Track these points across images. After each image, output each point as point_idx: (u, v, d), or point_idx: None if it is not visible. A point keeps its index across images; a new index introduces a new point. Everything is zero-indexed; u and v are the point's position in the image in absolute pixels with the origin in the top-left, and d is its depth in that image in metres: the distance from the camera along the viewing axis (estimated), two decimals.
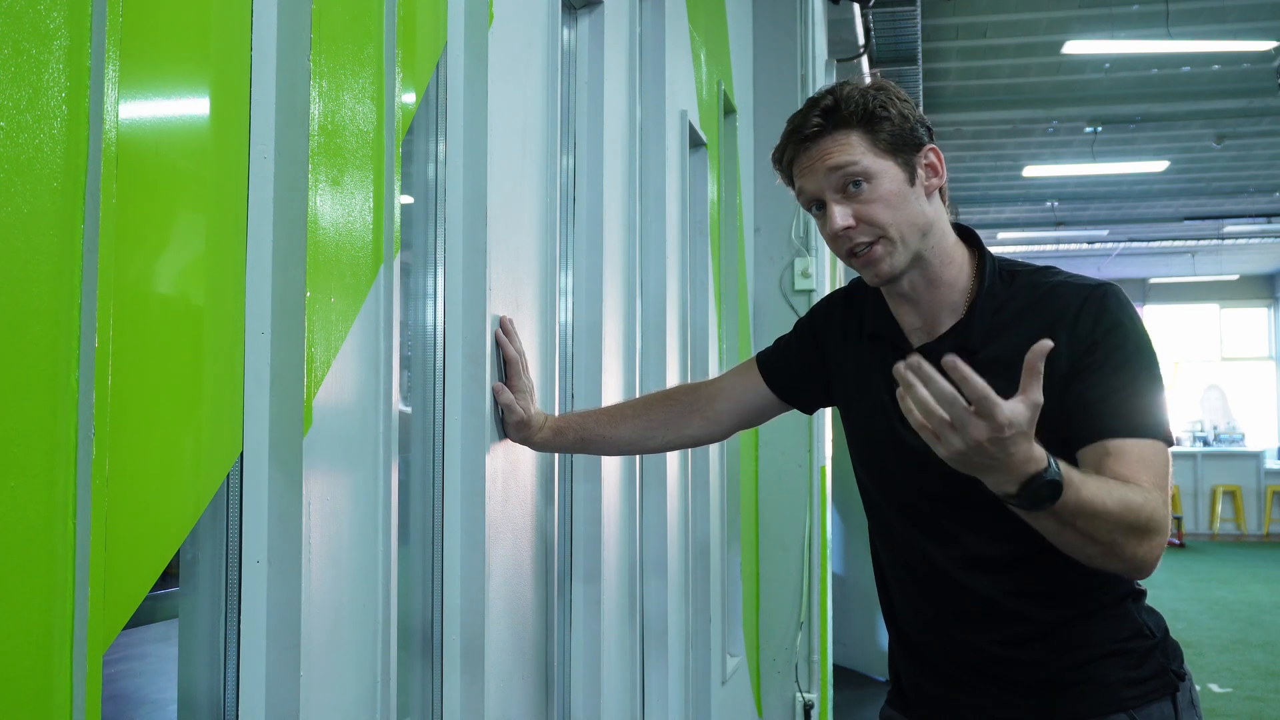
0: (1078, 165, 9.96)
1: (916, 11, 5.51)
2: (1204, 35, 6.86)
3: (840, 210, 1.36)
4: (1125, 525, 1.19)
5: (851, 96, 1.38)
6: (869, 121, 1.37)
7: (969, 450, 1.09)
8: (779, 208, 3.86)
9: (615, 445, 1.73)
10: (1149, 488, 1.23)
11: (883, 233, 1.36)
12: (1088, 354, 1.32)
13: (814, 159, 1.38)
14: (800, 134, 1.39)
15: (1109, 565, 1.24)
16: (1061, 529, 1.19)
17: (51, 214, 0.75)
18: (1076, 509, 1.16)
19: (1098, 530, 1.18)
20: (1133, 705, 1.36)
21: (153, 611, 0.97)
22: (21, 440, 0.72)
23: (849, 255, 1.39)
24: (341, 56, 1.17)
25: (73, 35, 0.77)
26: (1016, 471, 1.12)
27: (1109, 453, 1.26)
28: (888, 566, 1.53)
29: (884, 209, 1.36)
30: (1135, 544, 1.21)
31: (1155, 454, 1.26)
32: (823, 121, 1.37)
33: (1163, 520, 1.22)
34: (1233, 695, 5.63)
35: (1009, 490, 1.14)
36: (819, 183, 1.38)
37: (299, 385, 1.07)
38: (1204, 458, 13.99)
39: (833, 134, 1.37)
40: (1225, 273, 15.16)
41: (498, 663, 1.56)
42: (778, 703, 3.73)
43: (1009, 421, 1.07)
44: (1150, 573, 1.26)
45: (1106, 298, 1.35)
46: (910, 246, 1.38)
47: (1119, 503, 1.18)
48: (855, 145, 1.36)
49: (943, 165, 1.42)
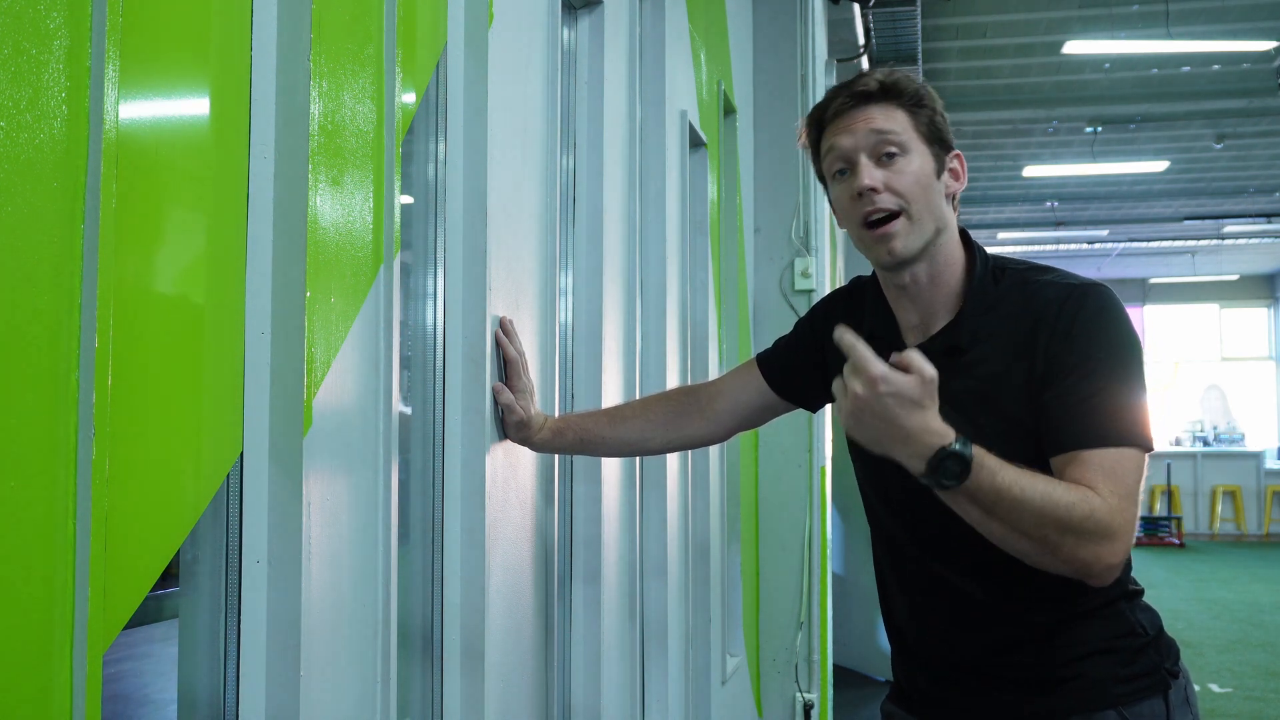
0: (1078, 165, 9.96)
1: (916, 11, 5.51)
2: (1204, 35, 6.86)
3: (870, 170, 1.37)
4: (1054, 520, 1.17)
5: (905, 79, 1.41)
6: (917, 104, 1.40)
7: (855, 409, 1.16)
8: (779, 208, 3.86)
9: (615, 446, 1.73)
10: (1103, 493, 1.20)
11: (905, 206, 1.37)
12: (1063, 355, 1.31)
13: (857, 119, 1.39)
14: (852, 90, 1.41)
15: (1050, 565, 1.22)
16: (985, 517, 1.19)
17: (51, 214, 0.75)
18: (994, 493, 1.16)
19: (1021, 521, 1.18)
20: (1122, 702, 1.36)
21: (153, 611, 0.97)
22: (21, 440, 0.72)
23: (865, 224, 1.38)
24: (341, 56, 1.17)
25: (73, 35, 0.77)
26: (918, 443, 1.15)
27: (1073, 461, 1.26)
28: (885, 567, 1.53)
29: (913, 184, 1.37)
30: (1074, 544, 1.19)
31: (1120, 461, 1.24)
32: (877, 89, 1.40)
33: (1109, 523, 1.19)
34: (1233, 695, 5.63)
35: (918, 468, 1.17)
36: (856, 141, 1.38)
37: (299, 385, 1.07)
38: (1204, 458, 13.99)
39: (882, 103, 1.39)
40: (1225, 273, 15.15)
41: (498, 663, 1.56)
42: (778, 703, 3.73)
43: (882, 376, 1.14)
44: (1104, 579, 1.23)
45: (1087, 297, 1.34)
46: (925, 233, 1.38)
47: (1043, 495, 1.17)
48: (900, 119, 1.39)
49: (964, 173, 1.45)
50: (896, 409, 1.14)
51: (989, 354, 1.36)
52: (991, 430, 1.32)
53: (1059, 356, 1.31)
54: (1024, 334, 1.34)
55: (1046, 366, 1.31)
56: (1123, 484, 1.23)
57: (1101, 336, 1.31)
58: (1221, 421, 14.89)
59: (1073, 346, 1.31)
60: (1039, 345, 1.32)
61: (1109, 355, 1.30)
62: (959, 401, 1.36)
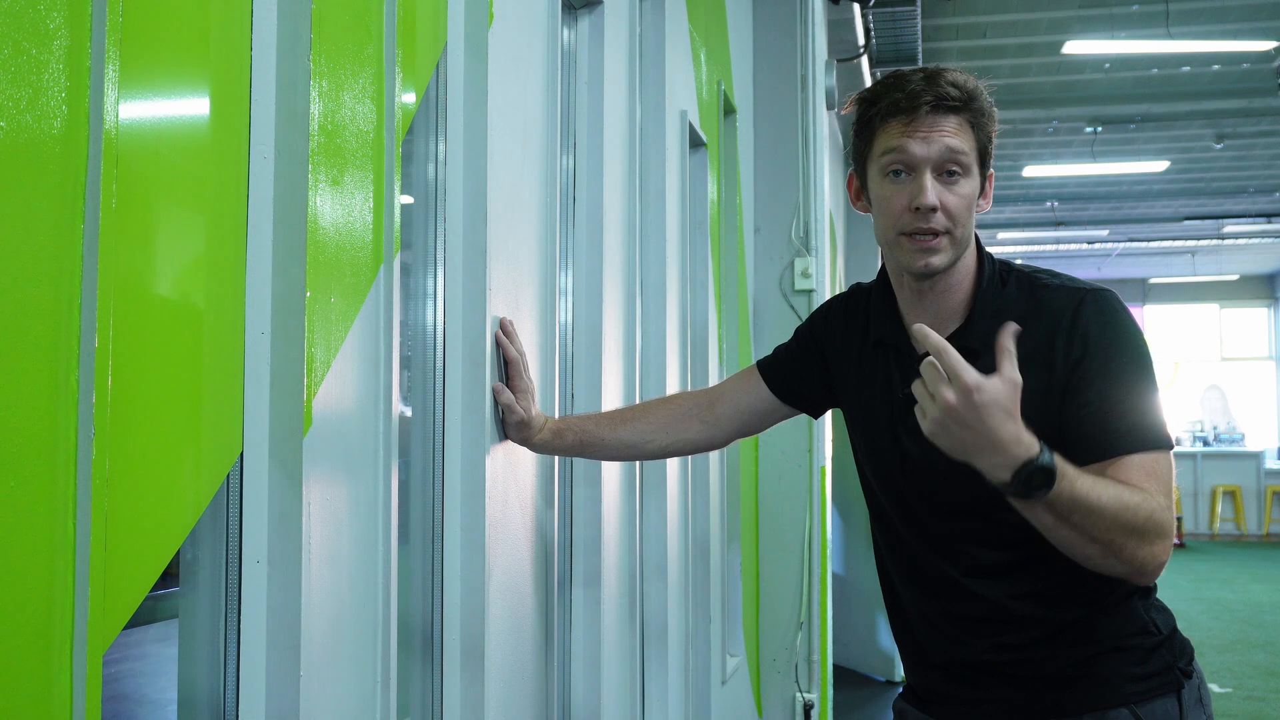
0: (1078, 165, 9.96)
1: (916, 11, 5.51)
2: (1204, 35, 6.86)
3: (933, 187, 1.35)
4: (1122, 524, 1.20)
5: (979, 89, 1.37)
6: (984, 124, 1.38)
7: (945, 417, 1.13)
8: (779, 208, 3.86)
9: (614, 448, 1.73)
10: (1153, 492, 1.24)
11: (952, 227, 1.36)
12: (1085, 363, 1.32)
13: (934, 128, 1.35)
14: (936, 94, 1.35)
15: (1109, 567, 1.24)
16: (1058, 524, 1.19)
17: (51, 214, 0.75)
18: (1071, 502, 1.17)
19: (1095, 527, 1.19)
20: (1135, 700, 1.36)
21: (153, 611, 0.97)
22: (21, 440, 0.72)
23: (907, 234, 1.37)
24: (341, 56, 1.17)
25: (73, 35, 0.77)
26: (1006, 454, 1.14)
27: (1114, 466, 1.28)
28: (893, 569, 1.53)
29: (964, 207, 1.37)
30: (1135, 545, 1.21)
31: (1158, 462, 1.28)
32: (961, 100, 1.36)
33: (1164, 523, 1.23)
34: (1233, 695, 5.63)
35: (1002, 477, 1.16)
36: (928, 152, 1.35)
37: (299, 385, 1.07)
38: (1204, 458, 13.98)
39: (960, 116, 1.36)
40: (1225, 273, 15.15)
41: (498, 663, 1.56)
42: (778, 703, 3.73)
43: (976, 385, 1.11)
44: (1154, 577, 1.27)
45: (1101, 303, 1.36)
46: (959, 251, 1.39)
47: (1114, 500, 1.19)
48: (969, 138, 1.37)
49: (991, 195, 1.44)
50: (989, 418, 1.12)
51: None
52: None
53: (1080, 364, 1.33)
54: (1038, 340, 1.35)
55: (1069, 375, 1.33)
56: (1165, 484, 1.27)
57: (1118, 343, 1.33)
58: (1221, 421, 14.88)
59: (1094, 354, 1.32)
60: (1056, 353, 1.34)
61: (1130, 361, 1.33)
62: None
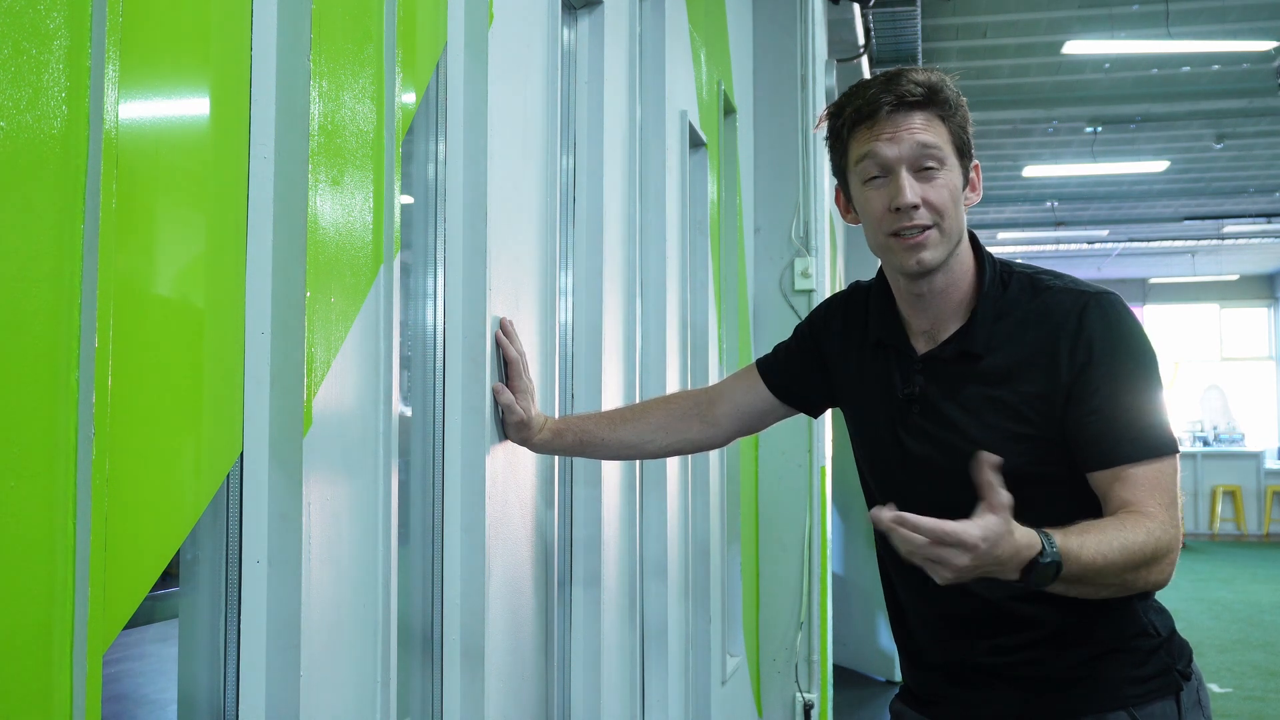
0: (1078, 165, 9.96)
1: (916, 11, 5.51)
2: (1204, 35, 6.86)
3: (912, 186, 1.35)
4: (1133, 565, 1.23)
5: (944, 82, 1.37)
6: (954, 115, 1.38)
7: (961, 574, 1.13)
8: (779, 208, 3.85)
9: (614, 448, 1.73)
10: (1156, 511, 1.26)
11: (940, 220, 1.36)
12: (1090, 369, 1.33)
13: (901, 127, 1.35)
14: (896, 93, 1.35)
15: (1124, 595, 1.30)
16: (1071, 588, 1.22)
17: (52, 214, 0.75)
18: (1081, 574, 1.20)
19: (1106, 579, 1.23)
20: (1134, 703, 1.37)
21: (153, 611, 0.97)
22: (21, 440, 0.72)
23: (895, 235, 1.37)
24: (341, 56, 1.17)
25: (73, 35, 0.77)
26: (1013, 563, 1.16)
27: (1119, 479, 1.30)
28: (894, 571, 1.53)
29: (947, 198, 1.36)
30: (1146, 573, 1.26)
31: (1162, 471, 1.30)
32: (923, 95, 1.36)
33: (1170, 544, 1.26)
34: (1233, 695, 5.63)
35: (1013, 578, 1.18)
36: (900, 152, 1.35)
37: (299, 385, 1.07)
38: (1204, 458, 13.97)
39: (925, 111, 1.36)
40: (1225, 273, 15.15)
41: (498, 663, 1.56)
42: (778, 703, 3.73)
43: (982, 538, 1.11)
44: (1165, 585, 1.30)
45: (1106, 307, 1.36)
46: (951, 244, 1.38)
47: (1121, 550, 1.22)
48: (940, 130, 1.36)
49: (980, 186, 1.44)
50: (994, 551, 1.13)
51: (1004, 360, 1.37)
52: (1002, 433, 1.33)
53: (1085, 370, 1.33)
54: (1041, 343, 1.36)
55: (1073, 380, 1.33)
56: (1169, 494, 1.29)
57: (1122, 348, 1.34)
58: (1221, 421, 14.87)
59: (1099, 360, 1.33)
60: (1060, 357, 1.34)
61: (1135, 366, 1.33)
62: (971, 404, 1.37)
